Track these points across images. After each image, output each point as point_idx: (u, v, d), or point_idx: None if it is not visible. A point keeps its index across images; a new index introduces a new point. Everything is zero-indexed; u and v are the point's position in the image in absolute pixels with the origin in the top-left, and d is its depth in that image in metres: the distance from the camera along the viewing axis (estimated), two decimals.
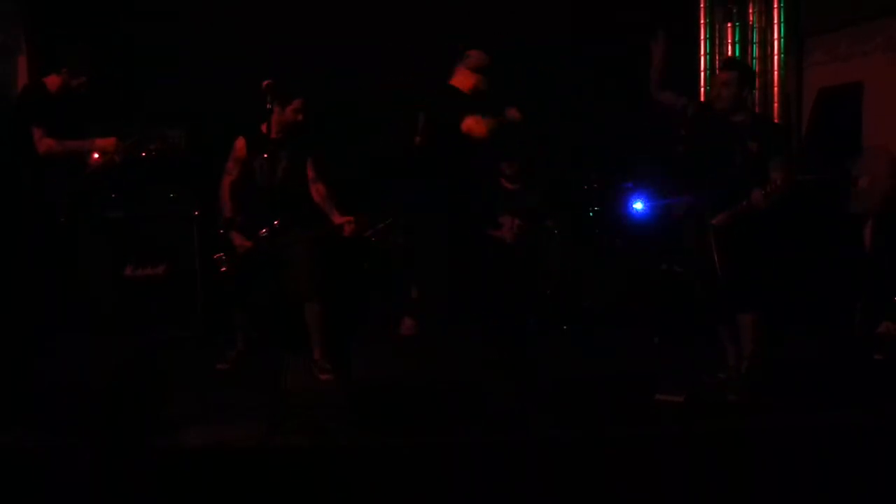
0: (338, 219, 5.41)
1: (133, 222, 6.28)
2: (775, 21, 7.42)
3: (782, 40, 7.41)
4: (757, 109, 7.18)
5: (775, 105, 7.44)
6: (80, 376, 4.84)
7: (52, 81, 5.43)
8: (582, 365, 5.74)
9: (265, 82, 4.85)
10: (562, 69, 7.24)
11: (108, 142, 5.38)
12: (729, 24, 7.50)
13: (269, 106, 4.87)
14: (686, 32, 7.46)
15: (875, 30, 6.78)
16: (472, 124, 5.34)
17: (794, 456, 4.12)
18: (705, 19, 7.53)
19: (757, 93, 7.48)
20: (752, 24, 7.49)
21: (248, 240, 5.39)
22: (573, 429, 4.44)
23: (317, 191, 5.52)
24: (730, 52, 7.49)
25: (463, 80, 5.51)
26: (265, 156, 5.33)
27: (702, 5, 7.52)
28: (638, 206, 7.10)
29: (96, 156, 5.41)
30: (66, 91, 5.42)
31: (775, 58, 7.44)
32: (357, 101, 6.88)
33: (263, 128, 5.08)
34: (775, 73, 7.45)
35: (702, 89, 7.45)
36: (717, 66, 7.21)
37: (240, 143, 5.53)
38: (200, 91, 6.61)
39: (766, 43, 7.48)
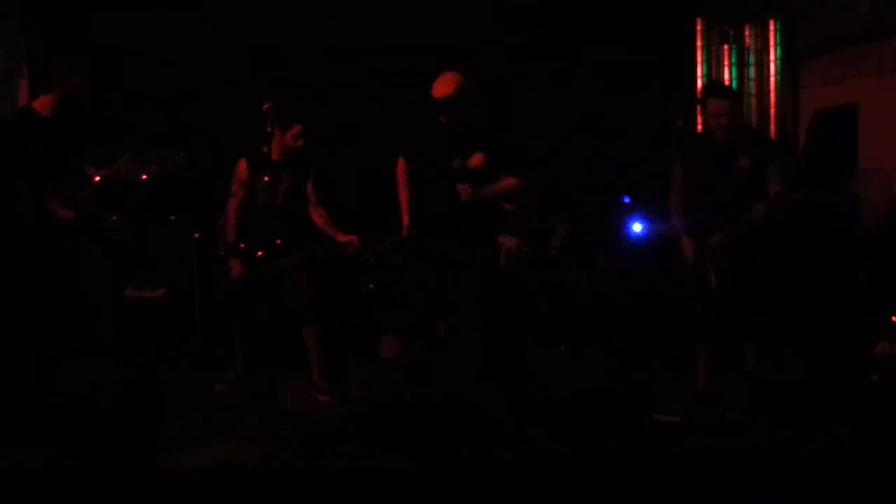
0: (342, 238, 5.42)
1: (133, 244, 6.30)
2: (771, 43, 7.47)
3: (779, 62, 7.45)
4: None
5: (772, 127, 7.48)
6: (79, 397, 4.86)
7: (44, 103, 5.39)
8: (579, 385, 5.75)
9: (265, 105, 4.87)
10: (561, 90, 7.28)
11: (67, 214, 5.25)
12: (725, 47, 7.54)
13: (269, 129, 4.89)
14: (683, 55, 7.50)
15: (868, 52, 6.82)
16: (398, 170, 5.34)
17: (790, 475, 4.13)
18: (702, 42, 7.57)
19: (754, 114, 7.52)
20: (749, 47, 7.53)
21: (247, 264, 5.41)
22: (571, 448, 4.46)
23: (319, 214, 5.55)
24: (727, 74, 7.53)
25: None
26: (266, 178, 5.35)
27: (698, 28, 7.56)
28: (637, 227, 7.12)
29: (97, 178, 5.42)
30: (61, 107, 5.38)
31: (771, 79, 7.48)
32: (358, 118, 6.91)
33: (265, 149, 5.11)
34: (772, 94, 7.49)
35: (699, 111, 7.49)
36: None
37: (242, 164, 5.55)
38: (201, 113, 6.65)
39: (762, 65, 7.52)
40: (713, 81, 7.29)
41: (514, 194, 5.39)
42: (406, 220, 5.33)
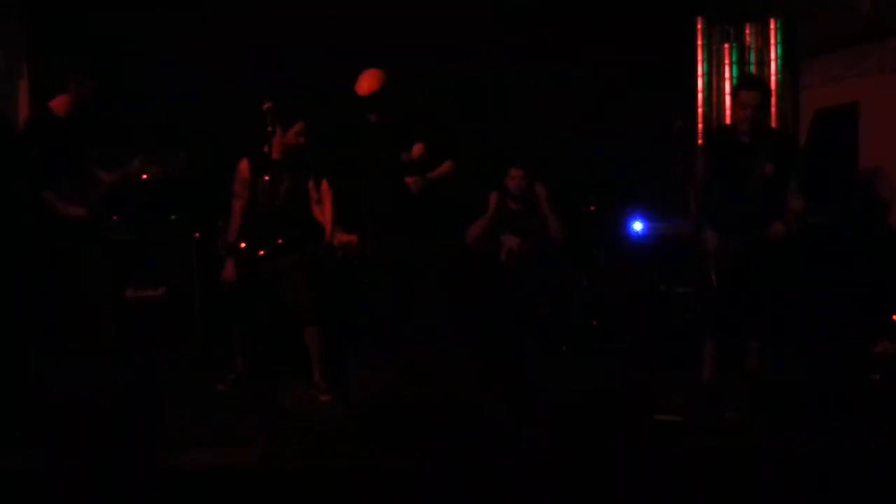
0: (342, 237, 5.45)
1: (134, 244, 6.29)
2: (772, 42, 7.46)
3: (779, 61, 7.45)
4: None
5: (773, 126, 7.47)
6: (79, 397, 4.86)
7: (60, 103, 5.41)
8: (579, 385, 5.75)
9: (266, 105, 4.87)
10: (561, 91, 7.28)
11: (78, 212, 5.31)
12: (726, 45, 7.53)
13: (270, 129, 4.89)
14: (683, 55, 7.50)
15: (869, 52, 6.81)
16: (323, 189, 5.52)
17: (791, 475, 4.13)
18: (703, 41, 7.57)
19: None
20: (749, 46, 7.52)
21: (246, 263, 5.41)
22: (572, 448, 4.45)
23: (320, 211, 5.55)
24: (727, 74, 7.52)
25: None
26: (266, 178, 5.35)
27: (699, 27, 7.56)
28: (637, 226, 7.12)
29: (108, 181, 5.43)
30: (76, 108, 5.40)
31: (772, 78, 7.47)
32: (358, 118, 6.91)
33: (265, 148, 5.11)
34: (772, 93, 7.48)
35: (699, 110, 7.49)
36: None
37: (243, 164, 5.55)
38: (201, 113, 6.64)
39: (762, 64, 7.51)
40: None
41: (452, 176, 5.52)
42: (328, 232, 5.47)
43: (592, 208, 7.17)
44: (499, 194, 6.60)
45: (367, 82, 5.38)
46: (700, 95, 7.53)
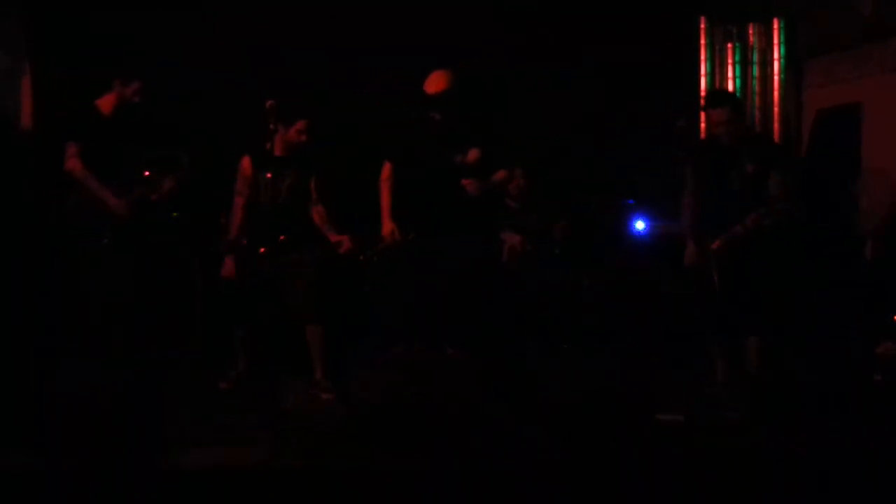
0: (334, 237, 5.46)
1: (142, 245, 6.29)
2: (775, 42, 7.46)
3: (783, 61, 7.44)
4: (758, 129, 7.22)
5: (775, 125, 7.47)
6: (79, 397, 4.86)
7: (107, 102, 5.42)
8: (580, 384, 5.74)
9: (268, 103, 4.87)
10: (563, 90, 7.28)
11: (120, 205, 5.33)
12: (729, 45, 7.53)
13: (272, 127, 4.90)
14: (684, 55, 7.49)
15: (870, 52, 6.81)
16: (384, 175, 5.51)
17: (792, 475, 4.12)
18: (706, 40, 7.56)
19: (757, 113, 7.51)
20: (753, 45, 7.52)
21: (245, 263, 5.41)
22: (572, 448, 4.45)
23: (317, 212, 5.56)
24: (730, 73, 7.51)
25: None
26: (269, 175, 5.36)
27: (702, 26, 7.55)
28: (639, 225, 7.12)
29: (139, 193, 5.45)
30: (120, 108, 5.42)
31: (775, 78, 7.46)
32: (358, 117, 6.91)
33: (267, 146, 5.11)
34: (775, 93, 7.47)
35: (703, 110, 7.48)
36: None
37: (245, 161, 5.56)
38: (201, 113, 6.64)
39: (765, 63, 7.51)
40: (715, 90, 7.25)
41: (505, 186, 5.55)
42: (388, 225, 5.40)
43: (594, 208, 7.17)
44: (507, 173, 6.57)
45: (436, 82, 5.39)
46: (703, 95, 7.51)
